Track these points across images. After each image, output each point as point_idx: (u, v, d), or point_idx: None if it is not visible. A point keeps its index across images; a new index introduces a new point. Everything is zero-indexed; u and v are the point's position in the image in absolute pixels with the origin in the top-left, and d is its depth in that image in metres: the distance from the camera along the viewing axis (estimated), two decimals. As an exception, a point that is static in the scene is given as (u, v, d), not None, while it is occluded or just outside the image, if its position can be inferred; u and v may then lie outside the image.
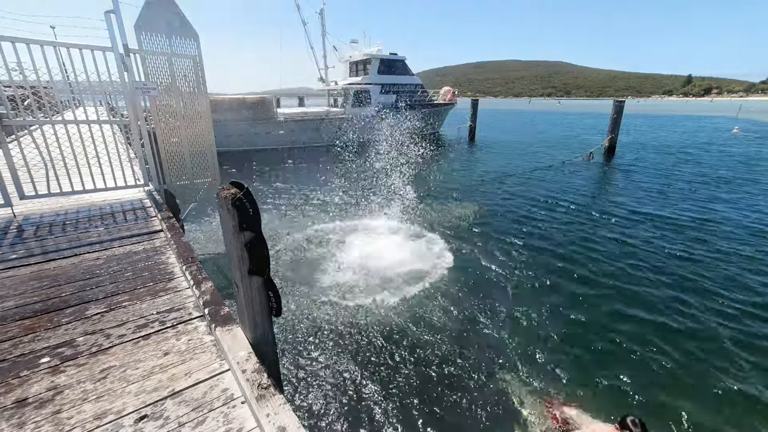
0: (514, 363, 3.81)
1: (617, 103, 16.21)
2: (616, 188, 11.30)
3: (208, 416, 1.35)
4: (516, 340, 4.16)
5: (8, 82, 3.27)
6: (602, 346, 4.12)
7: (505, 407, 3.30)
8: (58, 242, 2.90)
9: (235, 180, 1.40)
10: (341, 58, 25.82)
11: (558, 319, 4.56)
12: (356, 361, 3.79)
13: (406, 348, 4.00)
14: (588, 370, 3.77)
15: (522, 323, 4.47)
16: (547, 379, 3.61)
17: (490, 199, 9.93)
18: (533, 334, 4.29)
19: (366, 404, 3.29)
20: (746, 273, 5.73)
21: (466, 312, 4.65)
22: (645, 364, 3.84)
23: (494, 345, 4.09)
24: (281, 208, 9.03)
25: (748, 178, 12.41)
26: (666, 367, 3.80)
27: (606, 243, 6.88)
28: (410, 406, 3.28)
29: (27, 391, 1.44)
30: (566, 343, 4.15)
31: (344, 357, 3.84)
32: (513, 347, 4.04)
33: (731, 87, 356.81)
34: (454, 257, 6.15)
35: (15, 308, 2.01)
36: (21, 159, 3.54)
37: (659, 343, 4.15)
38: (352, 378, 3.57)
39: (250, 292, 1.48)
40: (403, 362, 3.80)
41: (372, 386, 3.48)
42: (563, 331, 4.33)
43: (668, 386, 3.57)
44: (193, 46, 4.04)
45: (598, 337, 4.26)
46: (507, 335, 4.23)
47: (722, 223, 7.96)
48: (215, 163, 4.60)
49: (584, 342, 4.17)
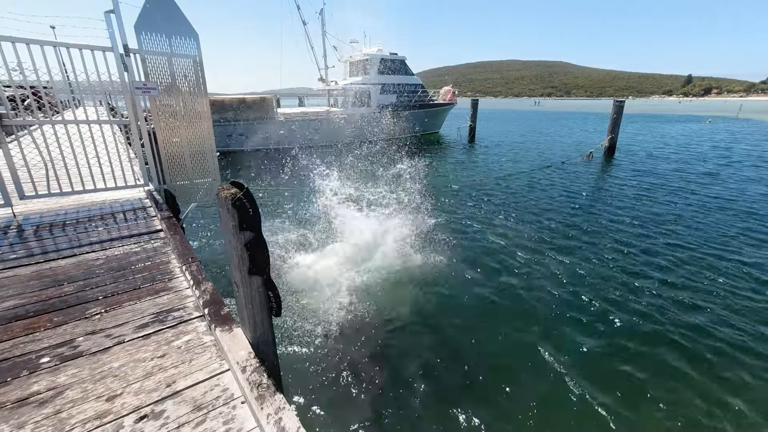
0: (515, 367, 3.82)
1: (617, 103, 16.20)
2: (616, 188, 11.30)
3: (208, 416, 1.35)
4: (515, 340, 4.16)
5: (8, 82, 3.27)
6: (604, 341, 4.12)
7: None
8: (58, 242, 2.90)
9: (235, 180, 1.40)
10: (341, 58, 25.81)
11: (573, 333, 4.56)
12: (356, 360, 3.79)
13: (406, 347, 4.00)
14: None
15: (524, 324, 4.48)
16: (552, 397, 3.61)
17: (490, 199, 9.93)
18: (535, 334, 4.29)
19: (366, 404, 3.29)
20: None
21: (465, 311, 4.66)
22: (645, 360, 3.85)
23: (488, 348, 4.09)
24: (281, 208, 9.03)
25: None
26: (670, 371, 3.81)
27: (614, 241, 6.89)
28: (411, 407, 3.28)
29: (27, 391, 1.44)
30: (570, 342, 4.15)
31: (344, 357, 3.84)
32: (513, 349, 4.05)
33: (731, 87, 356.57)
34: (455, 256, 6.15)
35: (15, 308, 2.01)
36: (21, 159, 3.54)
37: (663, 345, 4.15)
38: (353, 378, 3.57)
39: (250, 292, 1.48)
40: (404, 361, 3.80)
41: (372, 386, 3.48)
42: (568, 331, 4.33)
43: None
44: (193, 46, 4.03)
45: (605, 334, 4.27)
46: (507, 335, 4.23)
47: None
48: (215, 163, 4.59)
49: (580, 338, 4.18)
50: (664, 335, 4.29)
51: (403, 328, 4.32)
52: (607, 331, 4.37)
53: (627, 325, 4.46)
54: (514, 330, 4.35)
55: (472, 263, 5.99)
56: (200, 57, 4.10)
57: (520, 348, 4.07)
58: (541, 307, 4.79)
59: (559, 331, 4.35)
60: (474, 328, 4.36)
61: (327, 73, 25.35)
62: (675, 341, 4.18)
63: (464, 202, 9.65)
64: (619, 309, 4.78)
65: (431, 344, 4.06)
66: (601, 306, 4.83)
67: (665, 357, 3.94)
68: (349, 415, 3.18)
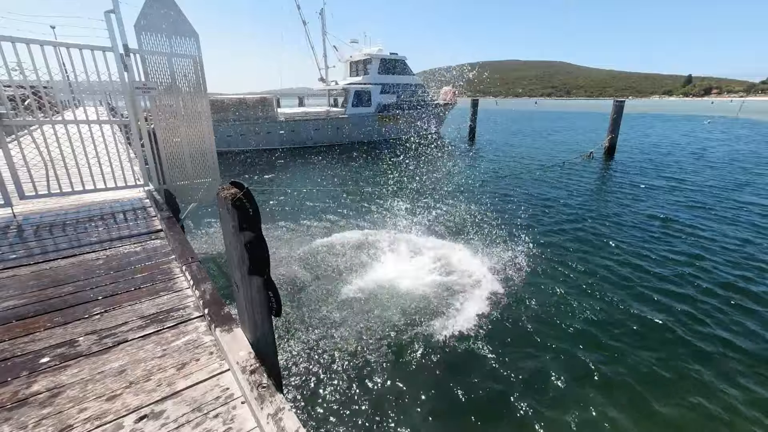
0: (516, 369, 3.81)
1: (617, 103, 16.20)
2: (615, 186, 11.29)
3: (208, 416, 1.35)
4: (516, 339, 4.16)
5: (8, 82, 3.27)
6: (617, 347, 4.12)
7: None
8: (58, 242, 2.90)
9: (235, 180, 1.40)
10: (341, 57, 25.80)
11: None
12: (357, 360, 3.79)
13: (407, 347, 4.00)
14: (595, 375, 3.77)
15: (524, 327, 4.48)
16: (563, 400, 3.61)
17: (490, 200, 9.93)
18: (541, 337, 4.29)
19: (366, 404, 3.29)
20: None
21: (464, 310, 4.65)
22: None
23: (489, 352, 4.09)
24: (281, 209, 9.03)
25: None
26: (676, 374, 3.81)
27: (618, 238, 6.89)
28: (411, 407, 3.28)
29: (27, 391, 1.44)
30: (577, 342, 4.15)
31: (345, 356, 3.84)
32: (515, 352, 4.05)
33: (731, 87, 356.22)
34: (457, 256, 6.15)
35: (15, 308, 2.01)
36: (21, 159, 3.53)
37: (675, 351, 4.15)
38: (353, 378, 3.57)
39: (250, 292, 1.48)
40: (404, 361, 3.80)
41: (373, 386, 3.48)
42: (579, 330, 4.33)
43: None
44: (193, 45, 4.04)
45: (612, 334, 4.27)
46: (507, 336, 4.23)
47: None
48: (215, 163, 4.60)
49: (594, 337, 4.18)
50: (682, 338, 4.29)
51: (403, 328, 4.31)
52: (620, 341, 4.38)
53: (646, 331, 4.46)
54: (514, 330, 4.35)
55: (473, 262, 5.99)
56: (200, 57, 4.11)
57: (522, 349, 4.07)
58: (541, 307, 4.80)
59: (560, 331, 4.36)
60: (470, 330, 4.36)
61: (327, 73, 25.36)
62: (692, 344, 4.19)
63: (464, 201, 9.64)
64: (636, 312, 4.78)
65: (432, 344, 4.06)
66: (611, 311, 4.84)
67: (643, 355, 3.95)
68: (349, 415, 3.18)
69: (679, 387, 3.57)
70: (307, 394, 3.38)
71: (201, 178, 4.51)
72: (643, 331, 4.37)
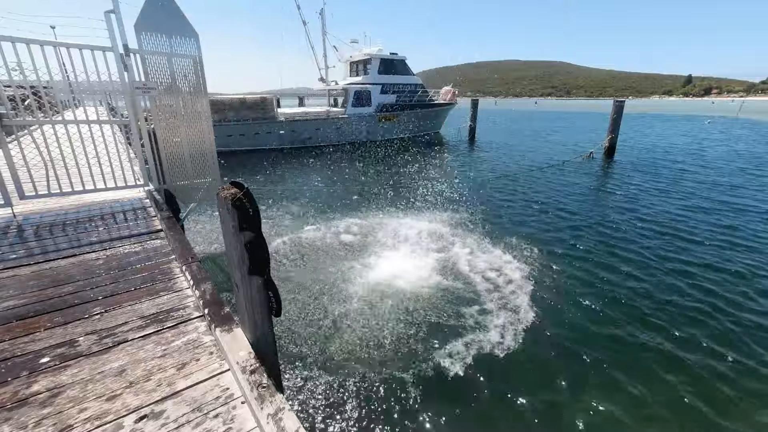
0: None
1: (617, 103, 16.19)
2: (615, 187, 11.29)
3: (208, 416, 1.35)
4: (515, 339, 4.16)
5: (8, 82, 3.27)
6: (605, 344, 4.13)
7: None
8: (58, 242, 2.90)
9: (235, 180, 1.40)
10: (341, 57, 25.79)
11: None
12: (357, 360, 3.79)
13: (407, 346, 4.00)
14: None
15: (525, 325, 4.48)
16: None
17: (490, 200, 9.93)
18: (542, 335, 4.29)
19: (367, 405, 3.29)
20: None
21: (463, 311, 4.66)
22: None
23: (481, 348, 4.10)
24: (281, 208, 9.03)
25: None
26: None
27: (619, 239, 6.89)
28: (412, 407, 3.28)
29: (27, 391, 1.44)
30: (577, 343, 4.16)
31: (345, 356, 3.84)
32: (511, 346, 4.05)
33: (731, 87, 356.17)
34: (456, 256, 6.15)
35: (15, 308, 2.01)
36: (21, 159, 3.54)
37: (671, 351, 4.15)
38: (353, 378, 3.57)
39: (250, 292, 1.48)
40: (404, 360, 3.79)
41: (373, 387, 3.48)
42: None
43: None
44: (193, 45, 4.04)
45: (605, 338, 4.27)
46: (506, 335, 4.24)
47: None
48: (215, 163, 4.60)
49: (586, 339, 4.18)
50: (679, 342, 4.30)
51: (404, 327, 4.31)
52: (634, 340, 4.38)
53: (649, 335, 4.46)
54: (514, 329, 4.35)
55: (473, 262, 5.99)
56: (200, 57, 4.11)
57: (520, 348, 4.07)
58: (540, 303, 4.80)
59: (560, 329, 4.36)
60: (476, 330, 4.36)
61: (327, 73, 25.35)
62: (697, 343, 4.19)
63: (464, 202, 9.64)
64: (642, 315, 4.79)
65: (432, 344, 4.06)
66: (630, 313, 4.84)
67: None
68: (349, 415, 3.18)
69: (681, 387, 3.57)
70: (307, 394, 3.38)
71: (201, 178, 4.51)
72: (642, 330, 4.37)
